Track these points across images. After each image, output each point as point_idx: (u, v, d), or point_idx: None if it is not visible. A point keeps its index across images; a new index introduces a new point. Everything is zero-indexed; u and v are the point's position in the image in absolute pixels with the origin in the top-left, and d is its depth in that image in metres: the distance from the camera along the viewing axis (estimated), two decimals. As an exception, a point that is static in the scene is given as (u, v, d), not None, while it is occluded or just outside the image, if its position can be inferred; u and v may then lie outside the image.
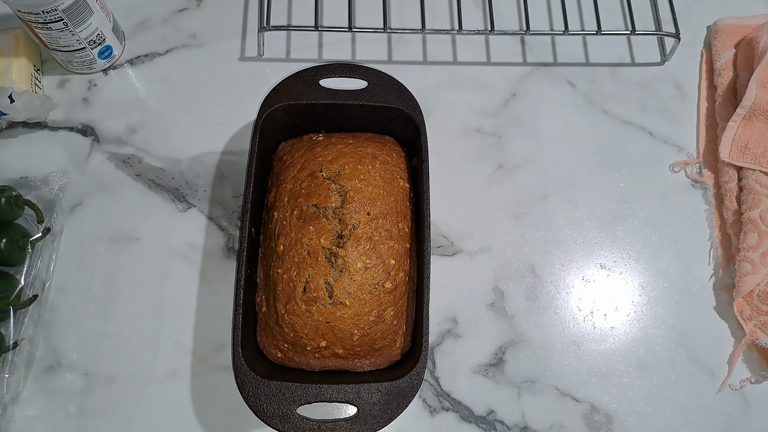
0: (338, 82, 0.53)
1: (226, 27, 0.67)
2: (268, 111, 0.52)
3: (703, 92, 0.65)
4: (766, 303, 0.55)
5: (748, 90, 0.60)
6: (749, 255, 0.56)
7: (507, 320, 0.56)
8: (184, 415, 0.52)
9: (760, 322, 0.55)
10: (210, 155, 0.61)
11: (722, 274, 0.58)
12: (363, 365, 0.49)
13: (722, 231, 0.60)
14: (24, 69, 0.60)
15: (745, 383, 0.55)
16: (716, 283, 0.58)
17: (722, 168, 0.61)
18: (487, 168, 0.62)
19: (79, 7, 0.55)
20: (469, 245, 0.59)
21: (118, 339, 0.54)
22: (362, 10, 0.67)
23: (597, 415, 0.54)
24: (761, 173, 0.59)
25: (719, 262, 0.59)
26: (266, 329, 0.49)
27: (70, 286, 0.56)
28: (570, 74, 0.66)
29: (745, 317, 0.56)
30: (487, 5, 0.67)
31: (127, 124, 0.62)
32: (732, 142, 0.60)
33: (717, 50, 0.66)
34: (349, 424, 0.44)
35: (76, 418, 0.52)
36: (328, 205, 0.49)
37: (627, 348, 0.56)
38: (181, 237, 0.58)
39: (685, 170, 0.62)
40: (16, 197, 0.54)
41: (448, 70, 0.66)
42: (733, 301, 0.56)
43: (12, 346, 0.51)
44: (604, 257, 0.59)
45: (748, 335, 0.55)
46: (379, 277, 0.48)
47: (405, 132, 0.54)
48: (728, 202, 0.60)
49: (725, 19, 0.67)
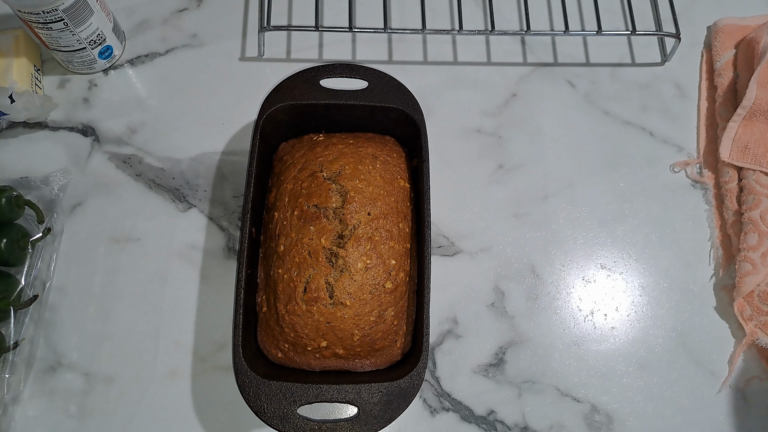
0: (338, 82, 0.53)
1: (227, 27, 0.67)
2: (269, 111, 0.52)
3: (704, 92, 0.65)
4: (766, 303, 0.55)
5: (748, 90, 0.60)
6: (750, 255, 0.56)
7: (507, 320, 0.56)
8: (184, 415, 0.52)
9: (761, 322, 0.55)
10: (210, 155, 0.61)
11: (722, 274, 0.58)
12: (363, 365, 0.49)
13: (722, 231, 0.60)
14: (24, 69, 0.60)
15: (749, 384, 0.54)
16: (717, 284, 0.58)
17: (722, 168, 0.61)
18: (488, 168, 0.62)
19: (79, 7, 0.55)
20: (470, 245, 0.59)
21: (119, 339, 0.54)
22: (362, 10, 0.67)
23: (597, 416, 0.54)
24: (761, 173, 0.59)
25: (719, 262, 0.59)
26: (267, 329, 0.49)
27: (70, 286, 0.56)
28: (570, 74, 0.66)
29: (746, 317, 0.56)
30: (487, 5, 0.67)
31: (128, 124, 0.62)
32: (732, 143, 0.60)
33: (717, 50, 0.66)
34: (349, 425, 0.44)
35: (76, 418, 0.52)
36: (329, 205, 0.49)
37: (627, 348, 0.56)
38: (182, 237, 0.58)
39: (685, 170, 0.62)
40: (17, 197, 0.54)
41: (449, 70, 0.66)
42: (734, 302, 0.56)
43: (12, 346, 0.51)
44: (605, 257, 0.59)
45: (748, 335, 0.55)
46: (379, 278, 0.48)
47: (405, 132, 0.54)
48: (728, 202, 0.60)
49: (725, 19, 0.67)
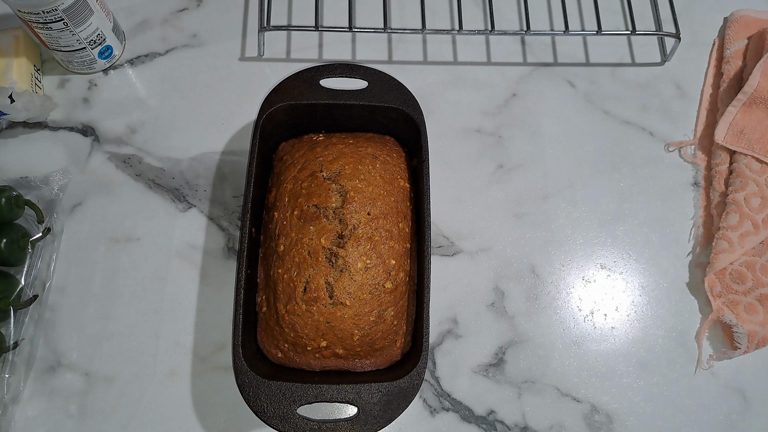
0: (338, 82, 0.53)
1: (226, 27, 0.67)
2: (269, 111, 0.52)
3: (710, 78, 0.66)
4: (737, 282, 0.56)
5: (751, 77, 0.61)
6: (728, 234, 0.57)
7: (507, 320, 0.56)
8: (184, 415, 0.52)
9: (729, 300, 0.56)
10: (210, 155, 0.61)
11: (699, 252, 0.59)
12: (363, 365, 0.49)
13: (706, 211, 0.61)
14: (24, 69, 0.60)
15: (711, 362, 0.55)
16: (692, 261, 0.59)
17: (716, 150, 0.62)
18: (487, 168, 0.62)
19: (79, 7, 0.55)
20: (470, 245, 0.59)
21: (118, 339, 0.54)
22: (362, 10, 0.67)
23: (597, 415, 0.54)
24: (753, 159, 0.60)
25: (698, 240, 0.60)
26: (267, 329, 0.49)
27: (70, 286, 0.56)
28: (570, 74, 0.66)
29: (715, 294, 0.56)
30: (487, 5, 0.67)
31: (128, 124, 0.62)
32: (729, 126, 0.61)
33: (729, 39, 0.66)
34: (349, 425, 0.44)
35: (76, 418, 0.52)
36: (329, 205, 0.49)
37: (627, 348, 0.56)
38: (182, 237, 0.58)
39: (679, 150, 0.63)
40: (17, 197, 0.54)
41: (449, 70, 0.66)
42: (705, 277, 0.57)
43: (12, 346, 0.51)
44: (605, 257, 0.59)
45: (714, 311, 0.56)
46: (379, 277, 0.48)
47: (405, 132, 0.54)
48: (716, 183, 0.60)
49: (742, 11, 0.68)
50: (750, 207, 0.57)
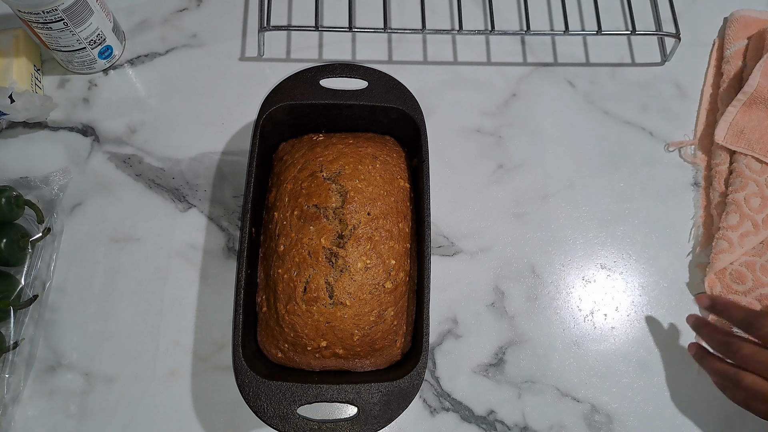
0: (338, 82, 0.53)
1: (226, 27, 0.67)
2: (269, 111, 0.52)
3: (710, 78, 0.66)
4: (737, 282, 0.56)
5: (751, 77, 0.61)
6: (728, 234, 0.57)
7: (507, 320, 0.56)
8: (184, 415, 0.52)
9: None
10: (210, 155, 0.61)
11: (699, 252, 0.59)
12: (363, 365, 0.49)
13: (706, 211, 0.61)
14: (24, 69, 0.60)
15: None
16: (692, 261, 0.59)
17: (716, 150, 0.62)
18: (487, 168, 0.62)
19: (79, 7, 0.55)
20: (470, 245, 0.59)
21: (118, 339, 0.54)
22: (362, 10, 0.67)
23: (597, 416, 0.54)
24: (753, 159, 0.60)
25: (698, 240, 0.59)
26: (267, 329, 0.49)
27: (70, 286, 0.56)
28: (570, 74, 0.66)
29: (715, 294, 0.56)
30: (487, 5, 0.67)
31: (128, 124, 0.62)
32: (729, 126, 0.61)
33: (729, 38, 0.66)
34: (349, 424, 0.44)
35: (76, 418, 0.52)
36: (329, 205, 0.49)
37: (627, 348, 0.56)
38: (182, 237, 0.58)
39: (679, 150, 0.63)
40: (17, 197, 0.54)
41: (449, 70, 0.66)
42: (705, 277, 0.57)
43: (12, 346, 0.51)
44: (605, 257, 0.59)
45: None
46: (379, 277, 0.48)
47: (405, 132, 0.54)
48: (716, 183, 0.60)
49: (742, 11, 0.68)
50: (750, 207, 0.57)
